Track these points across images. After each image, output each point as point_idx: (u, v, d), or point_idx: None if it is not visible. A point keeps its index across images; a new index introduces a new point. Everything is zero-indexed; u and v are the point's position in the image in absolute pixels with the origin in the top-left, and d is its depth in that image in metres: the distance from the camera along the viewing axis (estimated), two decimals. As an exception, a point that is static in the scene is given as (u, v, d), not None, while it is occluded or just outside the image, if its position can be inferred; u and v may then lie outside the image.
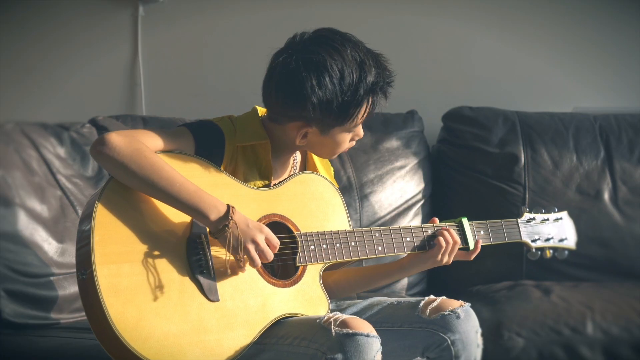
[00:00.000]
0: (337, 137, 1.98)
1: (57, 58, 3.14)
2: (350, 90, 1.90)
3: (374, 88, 1.93)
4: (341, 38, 1.93)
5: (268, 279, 1.90)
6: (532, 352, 2.40)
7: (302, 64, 1.89)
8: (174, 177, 1.80)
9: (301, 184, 2.02)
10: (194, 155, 1.91)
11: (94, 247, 1.73)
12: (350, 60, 1.90)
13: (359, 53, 1.92)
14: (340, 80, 1.89)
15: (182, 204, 1.80)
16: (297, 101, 1.91)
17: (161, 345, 1.72)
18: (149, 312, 1.73)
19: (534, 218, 2.25)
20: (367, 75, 1.91)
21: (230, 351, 1.78)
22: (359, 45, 1.95)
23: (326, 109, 1.91)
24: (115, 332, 1.69)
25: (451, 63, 3.27)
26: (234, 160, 1.98)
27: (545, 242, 2.24)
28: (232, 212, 1.81)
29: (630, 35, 3.26)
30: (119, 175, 1.81)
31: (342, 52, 1.91)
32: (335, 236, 1.99)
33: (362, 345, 1.74)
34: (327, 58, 1.89)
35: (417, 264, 2.10)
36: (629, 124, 3.04)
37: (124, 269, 1.74)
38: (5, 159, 2.44)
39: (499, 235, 2.18)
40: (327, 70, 1.89)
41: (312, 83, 1.89)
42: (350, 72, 1.90)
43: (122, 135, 1.82)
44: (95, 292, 1.71)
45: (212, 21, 3.19)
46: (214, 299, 1.81)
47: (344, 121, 1.94)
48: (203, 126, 1.98)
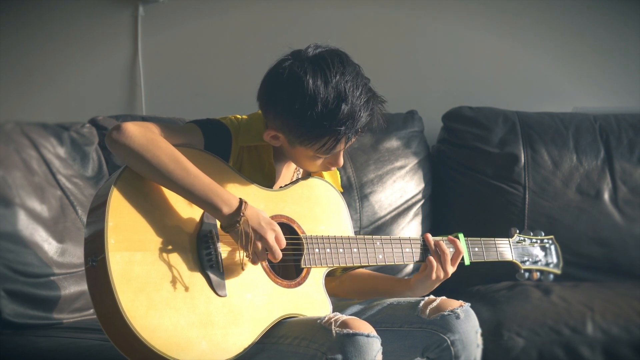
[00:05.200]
0: (302, 155, 1.96)
1: (57, 58, 3.14)
2: (312, 121, 1.85)
3: (338, 131, 1.86)
4: (342, 65, 1.88)
5: (274, 278, 1.91)
6: (532, 352, 2.40)
7: (287, 73, 1.87)
8: (188, 168, 1.80)
9: (308, 188, 2.04)
10: (205, 151, 1.91)
11: (107, 233, 1.72)
12: (331, 91, 1.84)
13: (348, 88, 1.86)
14: (309, 106, 1.84)
15: (196, 196, 1.81)
16: (266, 103, 1.92)
17: (169, 335, 1.72)
18: (159, 302, 1.73)
19: (524, 240, 2.31)
20: (339, 115, 1.85)
21: (236, 346, 1.79)
22: (357, 80, 1.88)
23: (286, 125, 1.89)
24: (125, 320, 1.68)
25: (451, 63, 3.27)
26: (239, 161, 1.99)
27: (533, 264, 2.30)
28: (244, 207, 1.82)
29: (630, 35, 3.27)
30: (133, 164, 1.81)
31: (328, 78, 1.85)
32: (339, 241, 2.00)
33: (362, 346, 1.75)
34: (310, 78, 1.85)
35: (420, 286, 2.12)
36: (629, 124, 3.04)
37: (137, 257, 1.74)
38: (5, 159, 2.43)
39: (491, 254, 2.22)
40: (301, 89, 1.85)
41: (283, 94, 1.87)
42: (323, 103, 1.84)
43: (138, 125, 1.83)
44: (107, 278, 1.69)
45: (212, 21, 3.19)
46: (222, 294, 1.81)
47: (305, 145, 1.91)
48: (211, 124, 1.98)
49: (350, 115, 1.86)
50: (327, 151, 1.91)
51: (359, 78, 1.89)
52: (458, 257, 2.12)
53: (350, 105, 1.85)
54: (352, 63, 1.91)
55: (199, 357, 1.74)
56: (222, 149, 1.96)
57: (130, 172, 1.81)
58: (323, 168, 2.01)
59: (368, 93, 1.90)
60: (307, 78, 1.85)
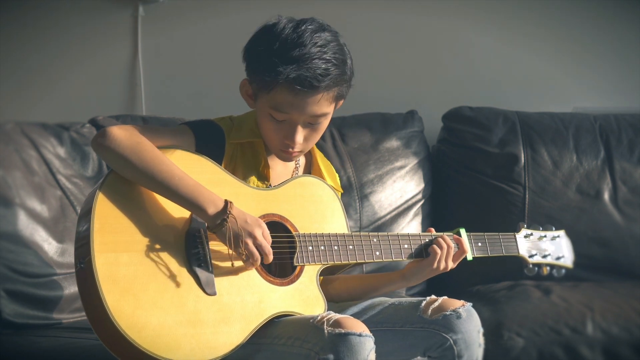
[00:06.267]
0: (260, 112, 1.95)
1: (57, 58, 3.14)
2: (265, 55, 1.87)
3: (279, 71, 1.85)
4: (321, 27, 1.91)
5: (265, 276, 1.90)
6: (532, 352, 2.40)
7: (269, 22, 1.93)
8: (173, 170, 1.81)
9: (301, 186, 2.02)
10: (195, 152, 1.91)
11: (93, 235, 1.74)
12: (294, 36, 1.87)
13: (313, 39, 1.87)
14: (270, 42, 1.87)
15: (181, 198, 1.81)
16: (244, 50, 1.95)
17: (156, 334, 1.72)
18: (145, 302, 1.74)
19: (532, 234, 2.26)
20: (288, 54, 1.85)
21: (225, 345, 1.79)
22: (328, 40, 1.89)
23: (249, 65, 1.92)
24: (111, 320, 1.69)
25: (451, 63, 3.27)
26: (233, 160, 1.99)
27: (542, 258, 2.25)
28: (230, 207, 1.82)
29: (630, 35, 3.27)
30: (118, 168, 1.82)
31: (300, 27, 1.88)
32: (333, 239, 1.99)
33: (354, 345, 1.74)
34: (285, 24, 1.89)
35: (416, 273, 2.09)
36: (629, 124, 3.04)
37: (123, 258, 1.75)
38: (5, 159, 2.43)
39: (496, 248, 2.19)
40: (272, 30, 1.89)
41: (256, 36, 1.93)
42: (281, 41, 1.86)
43: (123, 129, 1.84)
44: (93, 279, 1.71)
45: (212, 21, 3.19)
46: (210, 293, 1.81)
47: (255, 88, 1.92)
48: (204, 124, 1.99)
49: (299, 59, 1.85)
50: (270, 98, 1.89)
51: (332, 42, 1.90)
52: (461, 255, 2.11)
53: (304, 52, 1.86)
54: (334, 32, 1.93)
55: (188, 356, 1.74)
56: (214, 149, 1.96)
57: (116, 176, 1.82)
58: (280, 143, 1.96)
59: (334, 55, 1.89)
60: (281, 24, 1.90)
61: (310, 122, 1.94)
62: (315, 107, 1.90)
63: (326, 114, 1.94)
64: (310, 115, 1.91)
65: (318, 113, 1.92)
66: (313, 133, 1.97)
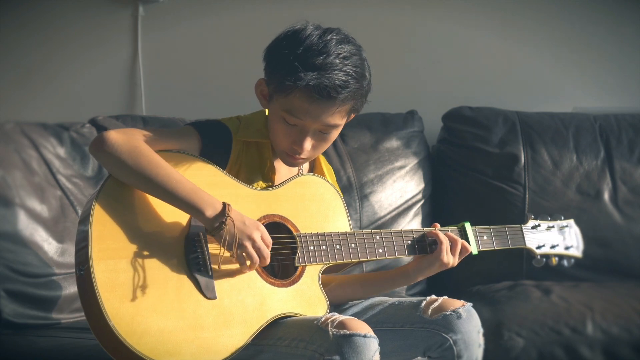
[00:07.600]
0: (273, 114, 1.94)
1: (57, 58, 3.14)
2: (288, 59, 1.86)
3: (300, 77, 1.84)
4: (347, 39, 1.91)
5: (266, 278, 1.90)
6: (532, 352, 2.40)
7: (296, 26, 1.92)
8: (170, 174, 1.81)
9: (302, 186, 2.02)
10: (194, 155, 1.91)
11: (91, 243, 1.73)
12: (320, 44, 1.86)
13: (338, 50, 1.87)
14: (293, 47, 1.87)
15: (179, 201, 1.81)
16: (266, 51, 1.95)
17: (157, 341, 1.72)
18: (145, 308, 1.74)
19: (539, 225, 2.24)
20: (310, 61, 1.85)
21: (227, 349, 1.78)
22: (352, 53, 1.89)
23: (269, 66, 1.92)
24: (111, 327, 1.69)
25: (451, 63, 3.27)
26: (239, 160, 1.99)
27: (550, 249, 2.23)
28: (228, 209, 1.81)
29: (630, 35, 3.27)
30: (116, 172, 1.82)
31: (326, 36, 1.88)
32: (335, 238, 1.99)
33: (359, 346, 1.74)
34: (311, 31, 1.89)
35: (421, 269, 2.08)
36: (629, 124, 3.04)
37: (121, 265, 1.75)
38: (5, 159, 2.43)
39: (502, 241, 2.17)
40: (298, 35, 1.88)
41: (281, 39, 1.91)
42: (305, 47, 1.86)
43: (120, 133, 1.83)
44: (92, 287, 1.71)
45: (212, 21, 3.19)
46: (211, 297, 1.81)
47: (273, 90, 1.91)
48: (210, 125, 1.99)
49: (321, 67, 1.85)
50: (286, 101, 1.88)
51: (355, 55, 1.90)
52: (465, 253, 2.10)
53: (327, 61, 1.86)
54: (358, 45, 1.93)
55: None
56: (221, 149, 1.96)
57: (114, 181, 1.82)
58: (288, 147, 1.95)
59: (355, 69, 1.89)
60: (307, 30, 1.89)
61: (321, 131, 1.94)
62: (329, 117, 1.90)
63: (338, 125, 1.94)
64: (322, 125, 1.92)
65: (331, 123, 1.92)
66: (322, 142, 1.97)
